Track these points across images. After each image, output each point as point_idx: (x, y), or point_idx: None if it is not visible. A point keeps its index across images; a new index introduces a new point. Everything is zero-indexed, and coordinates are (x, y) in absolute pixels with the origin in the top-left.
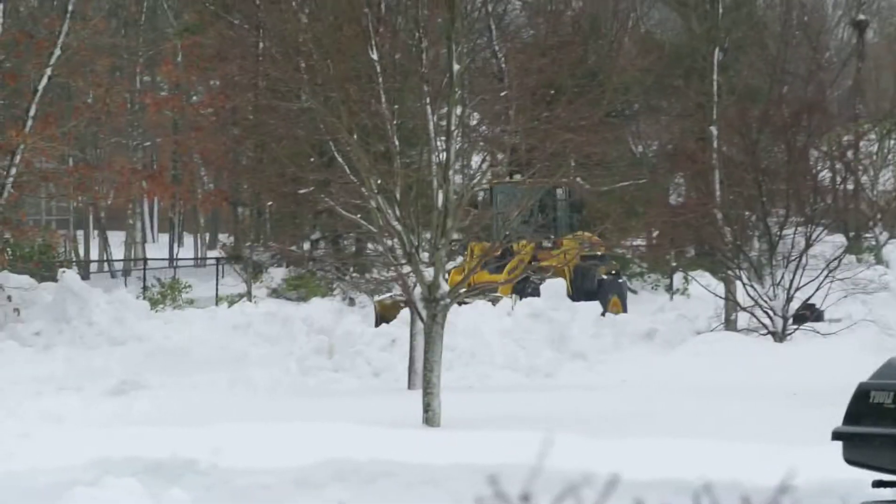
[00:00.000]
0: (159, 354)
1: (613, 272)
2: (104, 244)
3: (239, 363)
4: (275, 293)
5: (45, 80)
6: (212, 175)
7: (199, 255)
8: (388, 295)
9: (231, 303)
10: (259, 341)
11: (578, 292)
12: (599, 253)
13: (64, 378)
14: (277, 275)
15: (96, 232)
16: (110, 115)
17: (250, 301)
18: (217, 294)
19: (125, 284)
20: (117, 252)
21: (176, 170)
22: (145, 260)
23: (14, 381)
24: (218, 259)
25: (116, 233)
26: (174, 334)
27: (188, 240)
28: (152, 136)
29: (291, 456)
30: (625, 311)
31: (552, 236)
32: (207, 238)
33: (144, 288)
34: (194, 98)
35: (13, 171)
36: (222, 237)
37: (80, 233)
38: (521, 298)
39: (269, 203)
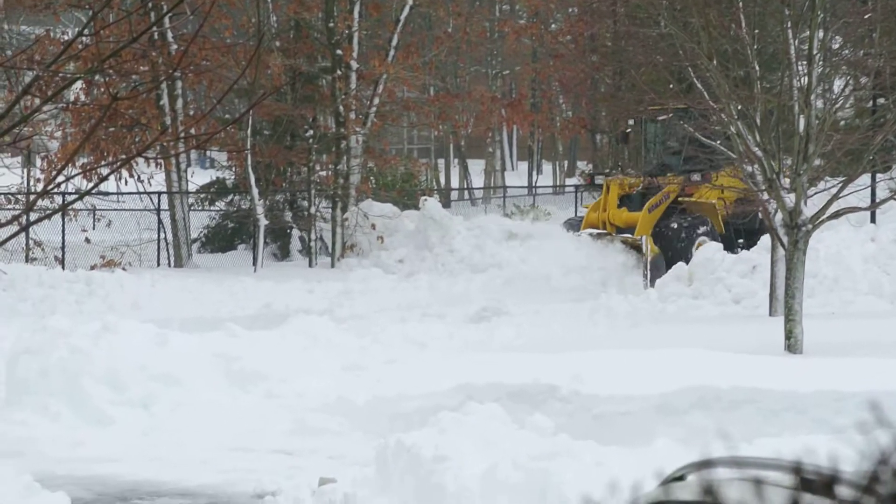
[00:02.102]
0: (519, 281)
1: None
2: (464, 172)
3: (598, 290)
4: None
5: (406, 11)
6: (570, 102)
7: (558, 183)
8: None
9: None
10: (619, 268)
11: (735, 231)
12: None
13: (427, 305)
14: None
15: (456, 160)
16: (470, 44)
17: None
18: None
19: (485, 212)
20: (477, 180)
21: (535, 98)
22: (504, 188)
23: (379, 307)
24: (577, 187)
25: (476, 161)
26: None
27: (547, 167)
28: (511, 64)
29: (652, 383)
30: None
31: (702, 170)
32: (566, 165)
33: (504, 215)
34: (553, 26)
35: (376, 100)
36: (581, 164)
37: (440, 161)
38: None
39: (628, 130)
